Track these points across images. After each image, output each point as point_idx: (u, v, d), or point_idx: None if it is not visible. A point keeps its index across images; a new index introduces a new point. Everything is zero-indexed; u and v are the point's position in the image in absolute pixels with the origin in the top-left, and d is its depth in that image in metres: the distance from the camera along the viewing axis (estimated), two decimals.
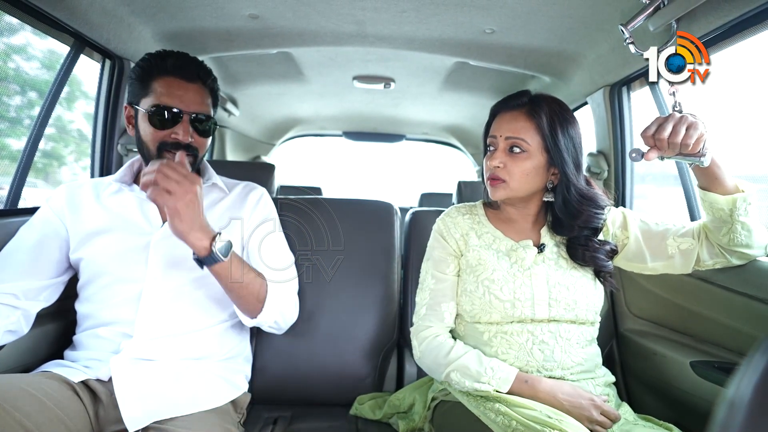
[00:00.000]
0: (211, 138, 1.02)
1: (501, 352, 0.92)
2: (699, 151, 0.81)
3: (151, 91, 0.94)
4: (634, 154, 0.84)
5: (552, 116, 0.92)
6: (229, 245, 0.89)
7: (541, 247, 0.96)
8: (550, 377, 0.90)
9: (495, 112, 1.00)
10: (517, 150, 0.92)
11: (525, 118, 0.93)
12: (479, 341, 0.95)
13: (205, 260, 0.87)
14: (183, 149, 0.94)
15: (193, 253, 0.88)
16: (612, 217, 1.01)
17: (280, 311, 1.03)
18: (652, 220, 0.99)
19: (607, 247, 0.96)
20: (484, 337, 0.94)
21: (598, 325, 1.00)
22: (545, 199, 0.98)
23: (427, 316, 1.00)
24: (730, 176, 0.86)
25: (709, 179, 0.86)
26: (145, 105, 0.94)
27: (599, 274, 0.97)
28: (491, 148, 0.97)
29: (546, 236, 0.99)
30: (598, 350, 1.00)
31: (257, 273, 0.99)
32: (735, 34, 0.99)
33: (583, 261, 0.95)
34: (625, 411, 0.92)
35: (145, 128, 0.95)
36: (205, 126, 0.98)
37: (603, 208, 0.95)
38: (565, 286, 0.92)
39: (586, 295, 0.93)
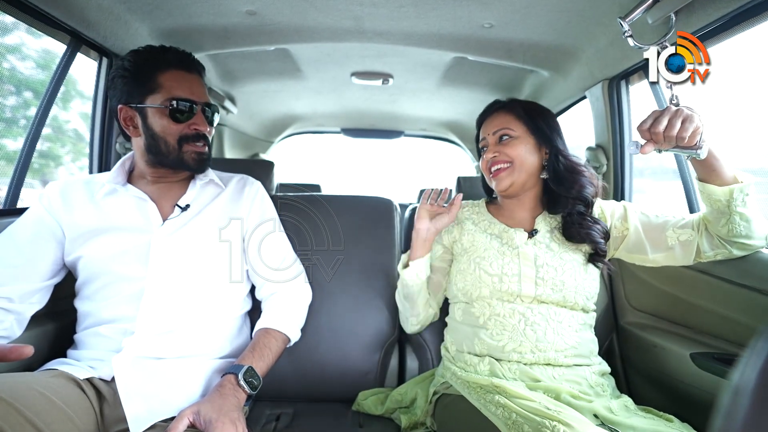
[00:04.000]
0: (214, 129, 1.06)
1: (496, 333, 0.97)
2: (695, 144, 0.82)
3: (158, 87, 0.94)
4: (632, 147, 0.85)
5: (526, 107, 1.07)
6: (250, 374, 0.91)
7: (532, 232, 1.04)
8: (545, 359, 0.93)
9: (479, 123, 1.13)
10: (506, 138, 1.04)
11: (504, 113, 1.07)
12: (476, 325, 1.00)
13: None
14: (202, 138, 0.99)
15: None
16: (612, 209, 1.06)
17: (299, 322, 1.12)
18: (652, 213, 1.02)
19: (599, 226, 1.01)
20: (480, 321, 1.00)
21: (593, 314, 1.02)
22: (542, 177, 1.05)
23: None
24: (728, 167, 0.87)
25: (707, 171, 0.88)
26: (156, 101, 0.94)
27: (593, 257, 1.01)
28: (485, 148, 1.09)
29: (540, 223, 1.05)
30: (594, 338, 1.02)
31: (275, 339, 1.02)
32: (734, 26, 0.99)
33: (579, 238, 0.99)
34: (627, 402, 0.92)
35: (164, 124, 0.95)
36: (212, 114, 1.02)
37: (592, 176, 1.03)
38: (552, 267, 0.97)
39: (575, 278, 0.97)
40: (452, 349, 1.07)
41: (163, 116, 0.94)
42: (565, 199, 1.01)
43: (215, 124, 1.05)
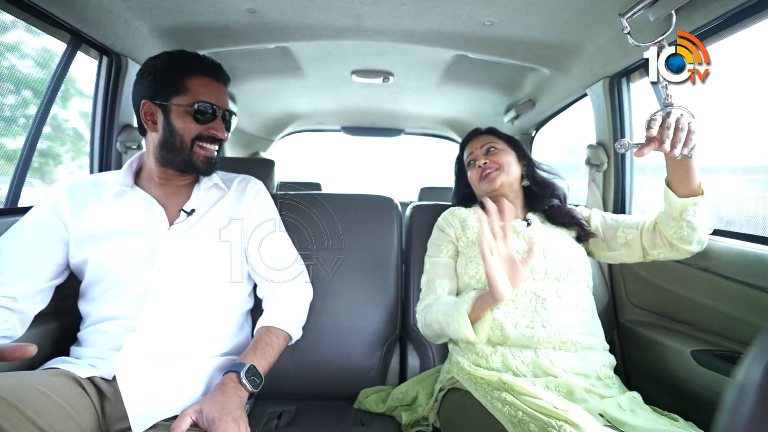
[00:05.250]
0: None
1: (508, 312, 1.00)
2: (690, 144, 0.84)
3: (186, 89, 0.98)
4: (618, 146, 0.87)
5: (502, 134, 1.27)
6: (252, 372, 0.91)
7: (528, 222, 1.16)
8: (556, 334, 0.95)
9: (464, 144, 1.31)
10: (493, 150, 1.22)
11: (486, 135, 1.27)
12: None
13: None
14: (216, 142, 1.03)
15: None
16: (579, 210, 1.22)
17: (300, 320, 1.12)
18: (611, 216, 1.17)
19: (577, 210, 1.19)
20: None
21: (593, 299, 1.07)
22: (523, 184, 1.23)
23: (424, 293, 1.16)
24: (698, 175, 0.93)
25: (682, 172, 0.92)
26: (182, 101, 0.97)
27: (580, 238, 1.15)
28: (473, 160, 1.24)
29: (530, 216, 1.19)
30: (599, 323, 1.05)
31: (277, 337, 1.02)
32: (735, 23, 0.99)
33: (562, 220, 1.16)
34: (635, 395, 0.92)
35: (185, 122, 0.98)
36: (229, 121, 1.06)
37: (558, 178, 1.23)
38: (554, 242, 1.09)
39: (574, 248, 1.10)
40: (462, 341, 1.06)
41: (187, 116, 0.98)
42: (542, 198, 1.20)
43: (230, 130, 1.07)
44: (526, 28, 1.38)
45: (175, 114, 0.98)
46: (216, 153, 1.05)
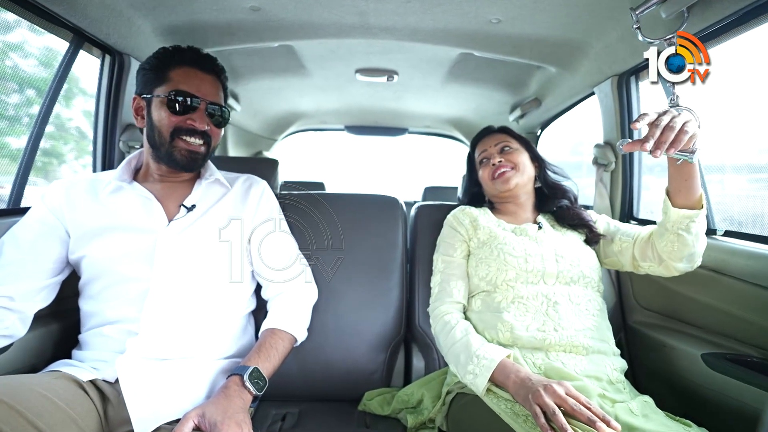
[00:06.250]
0: (222, 130, 1.06)
1: (518, 315, 0.99)
2: (690, 148, 0.82)
3: (167, 80, 0.97)
4: (619, 146, 0.84)
5: (516, 133, 1.26)
6: (256, 375, 0.89)
7: (539, 225, 1.15)
8: (567, 338, 0.94)
9: (476, 142, 1.29)
10: (508, 149, 1.20)
11: (500, 133, 1.26)
12: (497, 309, 1.01)
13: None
14: (198, 136, 0.98)
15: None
16: (589, 214, 1.21)
17: (305, 322, 1.10)
18: (615, 223, 1.17)
19: (586, 212, 1.18)
20: (502, 305, 1.01)
21: (605, 304, 1.06)
22: (536, 186, 1.23)
23: (438, 295, 1.13)
24: (699, 186, 0.90)
25: (683, 180, 0.89)
26: (160, 92, 0.96)
27: (589, 239, 1.13)
28: (486, 158, 1.22)
29: (541, 219, 1.18)
30: (609, 327, 1.03)
31: (282, 340, 1.01)
32: (750, 20, 0.97)
33: (572, 221, 1.15)
34: (647, 399, 0.90)
35: (161, 114, 0.96)
36: (219, 116, 1.02)
37: (567, 180, 1.24)
38: (566, 246, 1.08)
39: (585, 252, 1.09)
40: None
41: (163, 106, 0.96)
42: (552, 200, 1.20)
43: (222, 126, 1.04)
44: (533, 26, 1.36)
45: (155, 105, 0.98)
46: (203, 148, 1.00)
